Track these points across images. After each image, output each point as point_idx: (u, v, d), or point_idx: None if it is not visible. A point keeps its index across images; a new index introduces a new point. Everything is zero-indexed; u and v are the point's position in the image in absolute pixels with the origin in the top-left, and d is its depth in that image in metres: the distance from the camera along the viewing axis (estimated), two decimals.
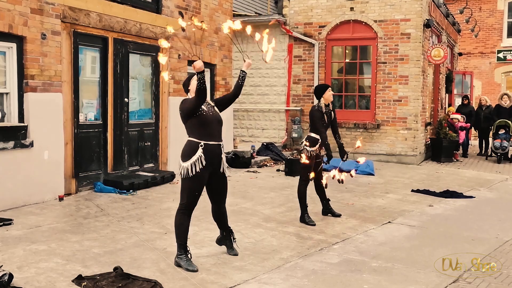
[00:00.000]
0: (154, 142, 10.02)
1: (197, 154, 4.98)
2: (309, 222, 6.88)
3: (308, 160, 6.89)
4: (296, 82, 14.59)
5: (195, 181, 5.02)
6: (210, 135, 5.06)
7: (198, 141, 5.02)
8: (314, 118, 7.05)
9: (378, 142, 13.62)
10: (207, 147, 5.03)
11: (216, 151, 5.11)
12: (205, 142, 5.03)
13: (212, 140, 5.07)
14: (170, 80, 10.19)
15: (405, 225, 7.07)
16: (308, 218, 6.95)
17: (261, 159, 12.48)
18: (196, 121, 5.03)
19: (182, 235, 5.08)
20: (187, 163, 4.99)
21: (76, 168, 8.24)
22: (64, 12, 7.89)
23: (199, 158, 4.98)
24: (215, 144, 5.10)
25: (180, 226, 5.08)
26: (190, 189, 5.04)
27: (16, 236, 5.90)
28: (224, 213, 5.46)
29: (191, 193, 5.04)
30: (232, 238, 5.52)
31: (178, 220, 5.10)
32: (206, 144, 5.02)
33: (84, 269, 4.88)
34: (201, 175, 5.02)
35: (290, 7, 14.55)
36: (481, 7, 22.43)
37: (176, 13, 10.33)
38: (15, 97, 7.35)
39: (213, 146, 5.07)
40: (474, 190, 9.85)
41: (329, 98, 7.10)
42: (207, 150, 5.03)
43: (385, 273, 5.09)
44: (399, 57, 13.42)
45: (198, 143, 5.02)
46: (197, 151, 4.99)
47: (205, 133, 5.04)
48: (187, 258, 5.04)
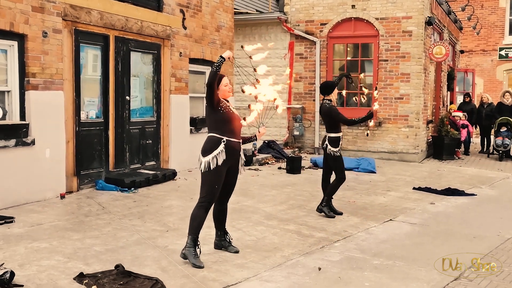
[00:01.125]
0: (155, 140, 10.02)
1: (218, 148, 5.07)
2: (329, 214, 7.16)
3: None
4: (297, 80, 14.58)
5: (215, 175, 5.09)
6: (232, 132, 5.16)
7: (221, 136, 5.11)
8: (334, 114, 7.14)
9: (380, 140, 13.61)
10: (228, 143, 5.11)
11: (237, 148, 5.21)
12: (227, 138, 5.11)
13: (233, 137, 5.17)
14: (172, 78, 10.19)
15: (406, 222, 7.07)
16: (329, 210, 7.20)
17: (262, 157, 12.48)
18: (220, 117, 5.14)
19: (196, 228, 5.11)
20: (208, 157, 5.07)
21: (77, 166, 8.24)
22: (65, 10, 7.89)
23: (221, 152, 5.06)
24: (236, 142, 5.20)
25: (196, 218, 5.12)
26: (210, 183, 5.10)
27: (17, 234, 5.90)
28: (225, 211, 5.50)
29: (210, 187, 5.10)
30: (229, 238, 5.54)
31: (195, 213, 5.15)
32: (228, 140, 5.11)
33: (85, 266, 4.88)
34: (221, 169, 5.10)
35: (291, 5, 14.53)
36: (483, 4, 22.38)
37: (178, 11, 10.33)
38: (16, 95, 7.35)
39: (234, 143, 5.17)
40: (476, 188, 9.84)
41: (336, 95, 7.30)
42: (228, 146, 5.11)
43: (386, 270, 5.09)
44: (401, 54, 13.40)
45: (221, 138, 5.11)
46: (219, 146, 5.08)
47: (227, 129, 5.14)
48: (195, 253, 5.07)
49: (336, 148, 7.11)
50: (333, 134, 7.14)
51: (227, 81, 5.32)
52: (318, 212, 7.25)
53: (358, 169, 11.47)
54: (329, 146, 7.13)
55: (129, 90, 9.31)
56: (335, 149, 7.10)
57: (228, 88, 5.28)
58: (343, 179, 7.25)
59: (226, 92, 5.28)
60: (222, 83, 5.26)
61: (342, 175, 7.22)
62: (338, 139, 7.13)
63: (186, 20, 10.57)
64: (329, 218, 7.09)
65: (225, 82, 5.28)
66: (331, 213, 7.19)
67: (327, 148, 7.16)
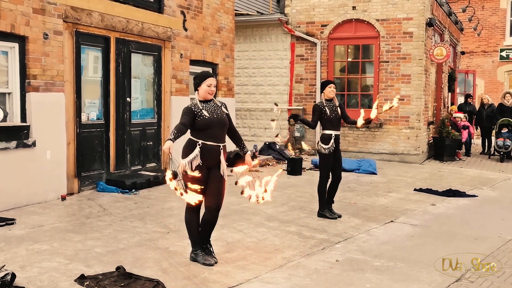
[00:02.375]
0: (156, 141, 10.02)
1: (194, 152, 4.99)
2: (330, 216, 7.14)
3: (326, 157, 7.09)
4: (298, 81, 14.58)
5: (193, 179, 4.93)
6: (210, 136, 5.02)
7: (196, 140, 5.02)
8: (312, 111, 7.23)
9: (381, 141, 13.61)
10: (205, 146, 5.00)
11: (214, 151, 5.06)
12: (203, 142, 5.01)
13: (211, 141, 5.03)
14: (172, 80, 10.19)
15: (407, 224, 7.06)
16: (329, 212, 7.21)
17: (263, 159, 12.48)
18: (197, 124, 5.02)
19: (193, 232, 5.16)
20: (184, 160, 5.01)
21: (78, 167, 8.25)
22: (66, 12, 7.90)
23: (196, 157, 4.98)
24: (214, 145, 5.05)
25: (190, 223, 5.17)
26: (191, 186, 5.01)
27: (18, 235, 5.90)
28: (212, 221, 5.20)
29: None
30: (211, 250, 5.26)
31: (187, 218, 5.18)
32: (204, 144, 5.00)
33: (86, 268, 4.88)
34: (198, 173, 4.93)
35: (292, 6, 14.54)
36: (483, 5, 22.37)
37: (178, 12, 10.33)
38: (17, 97, 7.35)
39: (211, 146, 5.03)
40: (477, 189, 9.83)
41: (328, 94, 7.17)
42: (205, 150, 5.00)
43: (388, 272, 5.08)
44: (402, 56, 13.40)
45: (196, 141, 5.02)
46: (194, 149, 4.99)
47: (205, 134, 5.01)
48: (202, 253, 5.10)
49: (326, 145, 7.07)
50: (326, 131, 7.13)
51: (211, 82, 5.08)
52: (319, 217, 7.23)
53: (359, 170, 11.46)
54: (320, 142, 7.15)
55: (130, 91, 9.31)
56: (325, 146, 7.07)
57: (210, 89, 5.05)
58: (325, 179, 7.18)
59: (206, 93, 5.07)
60: (206, 83, 5.06)
61: (324, 173, 7.17)
62: (330, 137, 7.08)
63: (187, 21, 10.58)
64: (331, 220, 7.08)
65: (208, 82, 5.06)
66: (333, 215, 7.18)
67: (318, 144, 7.18)
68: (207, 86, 5.06)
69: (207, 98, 5.12)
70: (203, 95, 5.10)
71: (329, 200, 7.32)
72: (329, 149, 7.06)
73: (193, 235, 5.18)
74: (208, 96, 5.10)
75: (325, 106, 7.10)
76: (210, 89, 5.07)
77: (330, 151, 7.07)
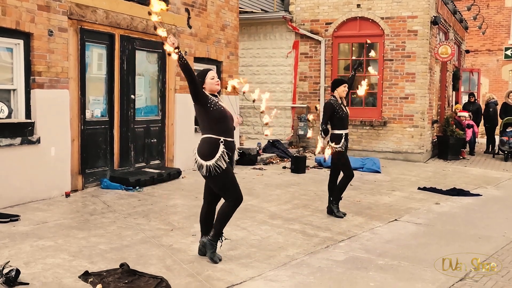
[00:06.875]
0: (160, 139, 10.03)
1: (219, 151, 4.89)
2: (337, 213, 7.17)
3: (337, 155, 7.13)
4: (302, 79, 14.56)
5: (228, 174, 4.94)
6: (226, 131, 4.99)
7: (217, 137, 4.93)
8: (324, 110, 7.21)
9: (385, 139, 13.58)
10: (226, 143, 4.96)
11: (233, 147, 5.07)
12: (224, 139, 4.94)
13: (229, 137, 5.01)
14: (177, 77, 10.19)
15: (411, 223, 7.05)
16: (337, 209, 7.22)
17: (267, 156, 12.48)
18: (211, 116, 4.92)
19: (223, 223, 5.07)
20: (211, 161, 4.87)
21: (82, 164, 8.26)
22: (71, 9, 7.91)
23: (223, 154, 4.90)
24: (232, 141, 5.06)
25: (225, 214, 5.02)
26: (230, 183, 4.98)
27: (23, 232, 5.92)
28: (214, 213, 5.22)
29: (232, 186, 4.98)
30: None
31: (226, 210, 5.01)
32: (225, 141, 4.95)
33: (90, 265, 4.89)
34: (228, 168, 4.95)
35: (296, 4, 14.52)
36: (488, 4, 22.29)
37: (183, 10, 10.33)
38: (22, 93, 7.37)
39: (230, 142, 5.02)
40: (481, 188, 9.81)
41: (341, 93, 7.23)
42: (227, 147, 4.97)
43: (391, 270, 5.08)
44: (406, 54, 13.37)
45: (218, 139, 4.92)
46: (219, 148, 4.89)
47: (222, 128, 4.95)
48: (215, 247, 5.09)
49: (338, 145, 7.09)
50: (336, 131, 7.15)
51: (213, 74, 5.08)
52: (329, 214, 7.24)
53: (363, 169, 11.45)
54: (330, 142, 7.14)
55: (134, 89, 9.32)
56: (337, 145, 7.09)
57: (215, 81, 5.03)
58: (350, 176, 7.23)
59: (213, 86, 5.04)
60: (208, 76, 5.04)
61: (348, 172, 7.21)
62: (340, 136, 7.11)
63: (191, 19, 10.57)
64: (337, 218, 7.08)
65: (211, 75, 5.04)
66: (339, 213, 7.18)
67: (329, 144, 7.18)
68: (211, 79, 5.05)
69: (216, 90, 5.10)
70: (211, 88, 5.06)
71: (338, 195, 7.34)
72: (340, 147, 7.10)
73: (220, 227, 5.07)
74: (216, 87, 5.08)
75: (339, 104, 7.19)
76: (215, 80, 5.06)
77: (342, 149, 7.12)
